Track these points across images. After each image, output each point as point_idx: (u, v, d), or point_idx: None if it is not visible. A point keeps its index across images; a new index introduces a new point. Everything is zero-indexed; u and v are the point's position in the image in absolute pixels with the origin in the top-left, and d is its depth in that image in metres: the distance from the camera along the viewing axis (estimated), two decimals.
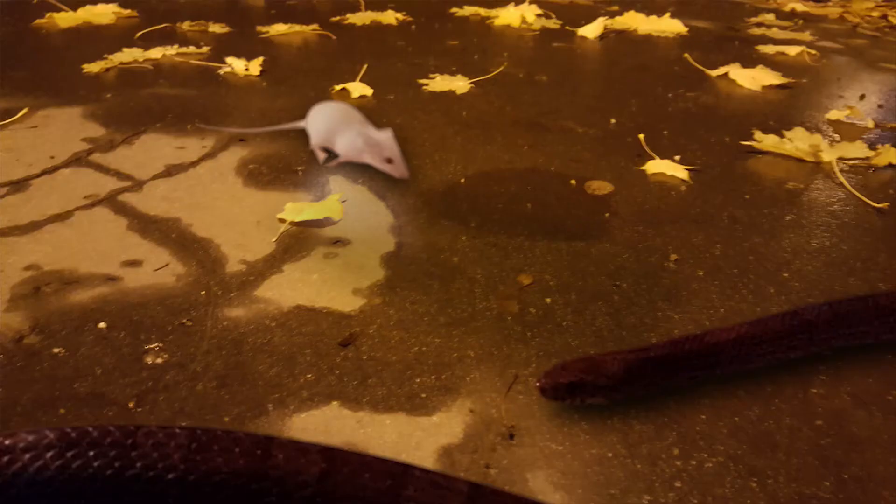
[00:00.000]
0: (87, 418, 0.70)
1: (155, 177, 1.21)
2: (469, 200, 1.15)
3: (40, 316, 0.85)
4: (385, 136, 1.16)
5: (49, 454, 0.52)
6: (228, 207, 1.11)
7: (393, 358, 0.79)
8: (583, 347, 0.81)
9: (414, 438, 0.68)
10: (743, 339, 0.75)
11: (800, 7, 2.86)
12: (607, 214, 1.11)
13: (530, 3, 2.47)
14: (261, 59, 1.83)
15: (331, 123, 1.24)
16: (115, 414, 0.70)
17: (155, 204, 1.11)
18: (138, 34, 2.10)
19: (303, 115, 1.32)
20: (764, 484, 0.64)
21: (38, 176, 1.20)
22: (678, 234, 1.06)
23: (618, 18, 2.42)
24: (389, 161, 1.15)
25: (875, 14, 2.77)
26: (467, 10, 2.54)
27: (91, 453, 0.52)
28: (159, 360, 0.78)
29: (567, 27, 2.35)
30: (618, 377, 0.71)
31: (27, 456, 0.52)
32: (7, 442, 0.52)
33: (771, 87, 1.77)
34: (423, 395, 0.74)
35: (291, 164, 1.26)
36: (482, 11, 2.52)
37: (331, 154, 1.25)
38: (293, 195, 1.15)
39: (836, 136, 1.45)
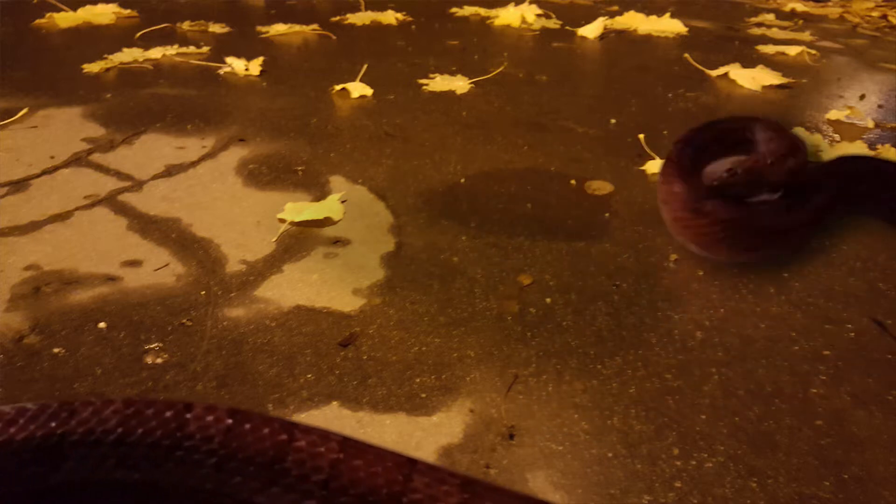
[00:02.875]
0: None
1: (155, 177, 1.21)
2: (469, 200, 1.15)
3: (40, 316, 0.85)
4: None
5: (217, 439, 0.53)
6: (228, 207, 1.11)
7: (393, 358, 0.79)
8: (583, 347, 0.81)
9: (414, 438, 0.68)
10: None
11: (800, 7, 2.86)
12: (607, 214, 1.11)
13: (530, 3, 2.47)
14: (261, 59, 1.83)
15: None
16: None
17: (155, 204, 1.11)
18: (138, 34, 2.10)
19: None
20: (764, 484, 0.64)
21: (38, 176, 1.20)
22: None
23: (618, 18, 2.42)
24: None
25: (875, 14, 2.77)
26: (467, 10, 2.54)
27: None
28: (159, 360, 0.78)
29: (567, 27, 2.35)
30: None
31: (199, 436, 0.53)
32: (173, 410, 0.54)
33: (771, 87, 1.77)
34: (423, 395, 0.74)
35: (291, 164, 1.26)
36: (482, 11, 2.52)
37: None
38: (293, 195, 1.15)
39: (836, 136, 1.45)
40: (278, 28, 2.21)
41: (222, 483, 0.53)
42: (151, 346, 0.80)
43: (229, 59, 1.82)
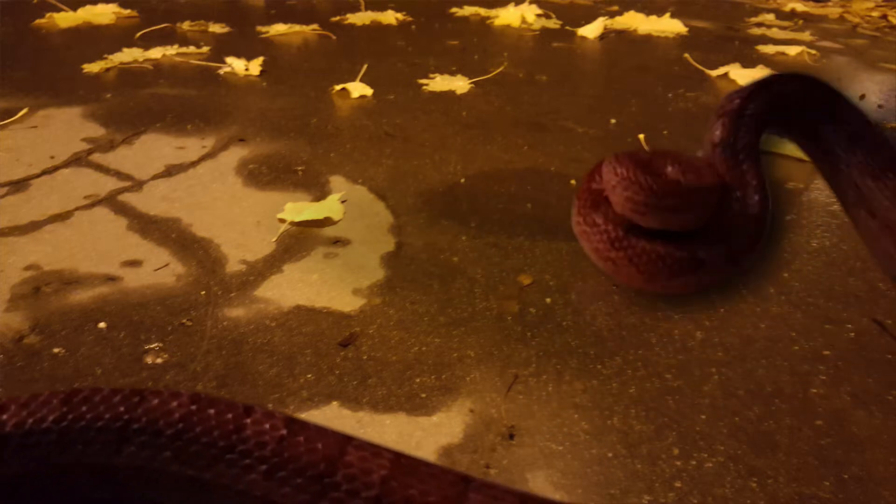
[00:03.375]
0: None
1: (155, 177, 1.21)
2: (469, 200, 1.15)
3: (40, 316, 0.85)
4: None
5: (271, 447, 0.53)
6: (228, 207, 1.11)
7: (393, 358, 0.79)
8: (583, 347, 0.81)
9: (414, 438, 0.68)
10: None
11: (800, 7, 2.86)
12: None
13: (530, 3, 2.47)
14: (261, 59, 1.83)
15: None
16: None
17: (155, 204, 1.11)
18: (138, 34, 2.10)
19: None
20: (764, 484, 0.64)
21: (38, 176, 1.20)
22: None
23: (618, 18, 2.42)
24: None
25: (875, 14, 2.77)
26: (467, 10, 2.54)
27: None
28: (159, 360, 0.78)
29: (567, 27, 2.35)
30: None
31: (253, 441, 0.54)
32: (233, 412, 0.55)
33: None
34: (423, 395, 0.74)
35: (291, 164, 1.26)
36: (482, 11, 2.52)
37: None
38: (293, 195, 1.15)
39: None
40: (278, 28, 2.21)
41: (271, 491, 0.53)
42: (151, 346, 0.80)
43: (229, 59, 1.82)
